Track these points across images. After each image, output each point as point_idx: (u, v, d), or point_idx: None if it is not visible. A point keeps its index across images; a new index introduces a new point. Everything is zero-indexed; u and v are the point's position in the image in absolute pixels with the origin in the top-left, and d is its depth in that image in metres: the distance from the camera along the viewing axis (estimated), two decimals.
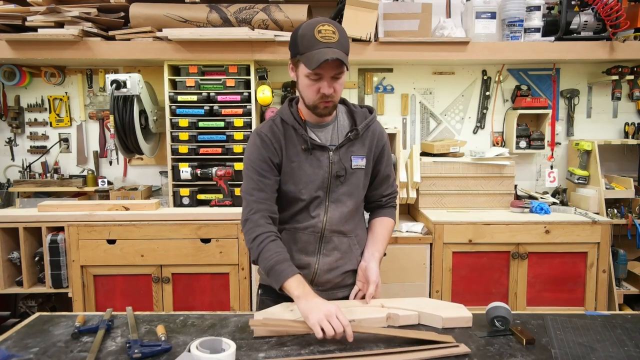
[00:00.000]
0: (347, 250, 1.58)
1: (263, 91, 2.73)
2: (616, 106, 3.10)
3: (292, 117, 1.52)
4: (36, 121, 3.08)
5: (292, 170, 1.51)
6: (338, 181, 1.52)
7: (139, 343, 1.22)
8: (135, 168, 3.13)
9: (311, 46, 1.37)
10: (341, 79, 1.44)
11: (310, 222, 1.53)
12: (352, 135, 1.53)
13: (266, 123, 1.56)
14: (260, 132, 1.54)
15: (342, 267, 1.57)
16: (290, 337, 1.29)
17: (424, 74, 3.11)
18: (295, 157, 1.51)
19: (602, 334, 1.31)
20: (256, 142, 1.52)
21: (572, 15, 2.71)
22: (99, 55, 2.65)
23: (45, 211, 2.59)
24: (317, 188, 1.51)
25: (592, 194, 2.83)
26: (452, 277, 2.58)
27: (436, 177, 2.85)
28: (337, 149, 1.52)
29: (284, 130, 1.53)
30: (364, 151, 1.56)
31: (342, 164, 1.52)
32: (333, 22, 1.41)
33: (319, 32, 1.37)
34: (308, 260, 1.56)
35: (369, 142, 1.57)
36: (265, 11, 2.66)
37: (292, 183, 1.52)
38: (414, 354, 1.18)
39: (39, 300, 2.76)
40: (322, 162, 1.51)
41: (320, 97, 1.43)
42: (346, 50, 1.41)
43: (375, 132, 1.59)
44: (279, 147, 1.51)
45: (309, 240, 1.55)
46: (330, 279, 1.57)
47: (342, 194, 1.54)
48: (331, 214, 1.53)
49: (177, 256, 2.54)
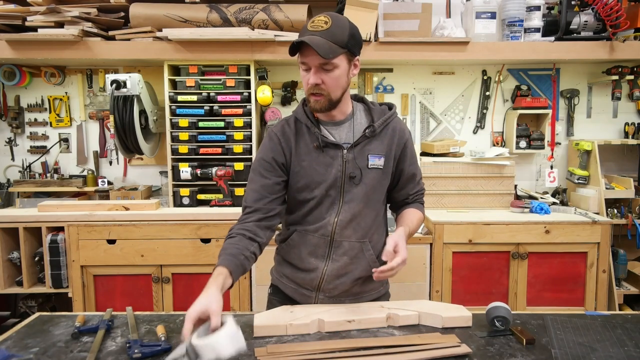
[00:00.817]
0: (357, 256, 1.50)
1: (263, 91, 2.73)
2: (616, 106, 3.10)
3: (305, 115, 1.49)
4: (36, 121, 3.08)
5: (303, 169, 1.47)
6: (352, 182, 1.46)
7: (139, 343, 1.22)
8: (135, 168, 3.13)
9: (300, 35, 1.36)
10: (333, 72, 1.36)
11: (321, 224, 1.48)
12: (369, 133, 1.46)
13: (280, 122, 1.54)
14: (270, 132, 1.52)
15: (351, 273, 1.50)
16: (290, 337, 1.29)
17: (424, 74, 3.11)
18: (307, 155, 1.47)
19: (602, 334, 1.31)
20: (265, 142, 1.52)
21: (572, 15, 2.71)
22: (99, 55, 2.65)
23: (45, 211, 2.59)
24: (329, 187, 1.46)
25: (592, 194, 2.83)
26: (452, 277, 2.58)
27: (436, 177, 2.85)
28: (352, 147, 1.46)
29: (296, 129, 1.49)
30: (382, 149, 1.49)
31: (357, 163, 1.46)
32: (333, 14, 1.37)
33: (312, 22, 1.35)
34: (317, 264, 1.50)
35: (388, 140, 1.49)
36: (265, 11, 2.66)
37: (303, 182, 1.47)
38: (414, 354, 1.18)
39: (39, 300, 2.76)
40: (335, 161, 1.45)
41: (310, 88, 1.38)
42: (338, 40, 1.33)
43: (396, 129, 1.51)
44: (287, 147, 1.48)
45: (318, 244, 1.49)
46: (338, 285, 1.51)
47: (356, 195, 1.47)
48: (343, 215, 1.47)
49: (177, 256, 2.54)
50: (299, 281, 1.55)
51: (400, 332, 1.34)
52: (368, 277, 1.53)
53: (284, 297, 1.60)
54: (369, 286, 1.57)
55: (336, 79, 1.38)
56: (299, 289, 1.55)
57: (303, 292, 1.55)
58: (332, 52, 1.32)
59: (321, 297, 1.53)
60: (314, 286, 1.52)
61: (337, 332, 1.32)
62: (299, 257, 1.52)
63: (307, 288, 1.54)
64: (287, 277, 1.58)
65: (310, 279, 1.52)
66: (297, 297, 1.57)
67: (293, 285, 1.57)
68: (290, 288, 1.57)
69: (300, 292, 1.55)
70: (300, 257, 1.51)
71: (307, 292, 1.54)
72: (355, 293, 1.55)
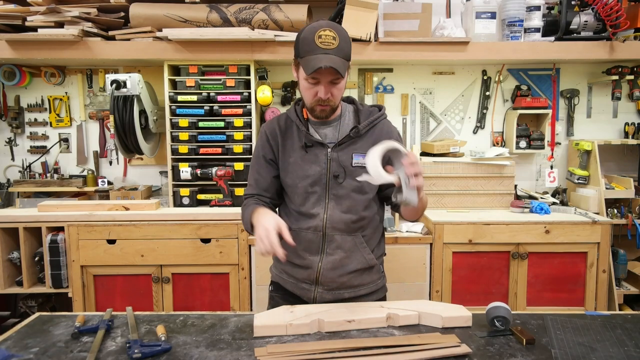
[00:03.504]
0: (352, 249, 1.57)
1: (263, 91, 2.73)
2: (616, 106, 3.10)
3: (296, 114, 1.58)
4: (36, 121, 3.08)
5: (289, 165, 1.56)
6: (337, 180, 1.54)
7: (139, 343, 1.22)
8: (135, 168, 3.14)
9: (310, 51, 1.39)
10: (340, 84, 1.45)
11: (312, 220, 1.55)
12: (353, 134, 1.54)
13: (272, 119, 1.65)
14: (262, 129, 1.65)
15: (347, 266, 1.57)
16: (290, 337, 1.29)
17: (423, 74, 3.11)
18: (293, 153, 1.56)
19: (602, 334, 1.31)
20: (258, 139, 1.65)
21: (572, 15, 2.71)
22: (99, 55, 2.65)
23: (45, 211, 2.59)
24: (314, 184, 1.54)
25: (592, 194, 2.83)
26: (452, 277, 2.58)
27: (436, 177, 2.85)
28: (336, 147, 1.54)
29: (286, 127, 1.59)
30: (367, 149, 1.51)
31: (341, 162, 1.53)
32: (336, 27, 1.42)
33: (319, 38, 1.39)
34: (312, 259, 1.57)
35: (374, 140, 1.54)
36: (265, 11, 2.66)
37: (289, 178, 1.57)
38: (414, 354, 1.18)
39: (39, 300, 2.75)
40: (319, 159, 1.54)
41: (317, 100, 1.47)
42: (346, 55, 1.42)
43: (383, 130, 1.59)
44: (275, 144, 1.59)
45: (312, 239, 1.56)
46: (335, 278, 1.57)
47: (342, 192, 1.54)
48: (331, 211, 1.54)
49: (177, 256, 2.54)
50: (297, 276, 1.62)
51: (400, 332, 1.34)
52: (365, 270, 1.60)
53: (285, 292, 1.66)
54: (366, 278, 1.62)
55: (341, 89, 1.49)
56: (299, 284, 1.62)
57: (303, 287, 1.61)
58: (345, 69, 1.41)
59: (320, 291, 1.59)
60: (312, 280, 1.58)
61: (337, 332, 1.32)
62: (295, 254, 1.58)
63: (306, 282, 1.60)
64: (287, 272, 1.65)
65: (308, 273, 1.58)
66: (297, 292, 1.63)
67: (293, 280, 1.63)
68: (291, 283, 1.64)
69: (300, 287, 1.62)
70: (297, 253, 1.57)
71: (307, 286, 1.60)
72: (354, 285, 1.60)
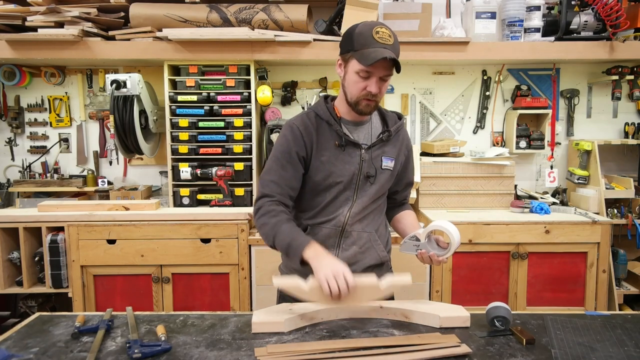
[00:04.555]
0: (366, 245, 1.59)
1: (263, 91, 2.73)
2: (616, 106, 3.10)
3: (328, 112, 1.55)
4: (36, 121, 3.08)
5: (322, 165, 1.53)
6: (368, 181, 1.55)
7: (139, 343, 1.22)
8: (135, 168, 3.14)
9: (368, 44, 1.41)
10: (387, 81, 1.48)
11: (334, 216, 1.55)
12: (385, 137, 1.57)
13: (299, 116, 1.59)
14: (292, 125, 1.56)
15: (362, 261, 1.58)
16: (290, 337, 1.29)
17: (423, 74, 3.11)
18: (326, 151, 1.53)
19: (602, 334, 1.31)
20: (286, 134, 1.55)
21: (572, 15, 2.71)
22: (99, 55, 2.65)
23: (45, 211, 2.59)
24: (346, 184, 1.54)
25: (592, 194, 2.83)
26: (452, 277, 2.58)
27: (436, 177, 2.85)
28: (370, 148, 1.55)
29: (317, 124, 1.55)
30: (394, 153, 1.60)
31: (373, 164, 1.55)
32: (389, 27, 1.46)
33: (377, 33, 1.42)
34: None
35: (398, 145, 1.62)
36: (265, 11, 2.66)
37: (320, 176, 1.54)
38: (414, 354, 1.18)
39: (39, 300, 2.76)
40: (353, 159, 1.54)
41: (365, 94, 1.46)
42: (399, 54, 1.47)
43: (405, 137, 1.66)
44: (309, 141, 1.53)
45: (329, 234, 1.56)
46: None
47: (369, 193, 1.56)
48: (355, 209, 1.56)
49: (177, 256, 2.54)
50: (310, 272, 1.56)
51: (400, 332, 1.34)
52: (376, 266, 1.62)
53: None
54: (377, 275, 1.57)
55: (386, 87, 1.52)
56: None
57: None
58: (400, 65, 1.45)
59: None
60: None
61: (337, 332, 1.33)
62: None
63: None
64: (298, 271, 1.58)
65: None
66: None
67: (304, 277, 1.57)
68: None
69: None
70: None
71: None
72: None
